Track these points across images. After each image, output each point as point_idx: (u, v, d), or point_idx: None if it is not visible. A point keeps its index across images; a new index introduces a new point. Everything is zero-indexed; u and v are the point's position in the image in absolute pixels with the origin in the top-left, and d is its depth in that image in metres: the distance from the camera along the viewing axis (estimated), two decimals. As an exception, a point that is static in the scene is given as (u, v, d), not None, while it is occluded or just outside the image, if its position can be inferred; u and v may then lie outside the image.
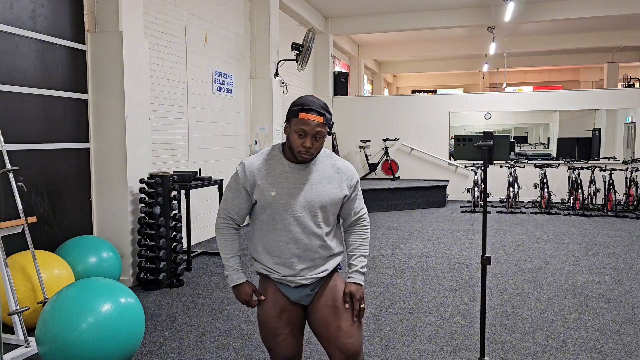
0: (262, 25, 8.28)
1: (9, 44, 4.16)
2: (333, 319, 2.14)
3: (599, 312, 4.19)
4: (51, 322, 2.93)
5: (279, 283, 2.18)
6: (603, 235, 7.44)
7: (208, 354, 3.43)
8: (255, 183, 2.11)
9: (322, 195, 2.12)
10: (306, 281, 2.15)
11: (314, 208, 2.11)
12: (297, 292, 2.17)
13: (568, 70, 20.46)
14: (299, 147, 2.04)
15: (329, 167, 2.17)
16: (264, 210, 2.12)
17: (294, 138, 2.05)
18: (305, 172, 2.13)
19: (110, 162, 4.93)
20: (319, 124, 2.02)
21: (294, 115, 2.06)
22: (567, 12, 10.55)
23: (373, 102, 12.04)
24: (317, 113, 2.03)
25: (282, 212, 2.09)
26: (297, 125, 2.03)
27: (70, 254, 4.33)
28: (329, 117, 2.08)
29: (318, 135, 2.04)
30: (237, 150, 7.98)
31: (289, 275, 2.14)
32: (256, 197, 2.12)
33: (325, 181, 2.14)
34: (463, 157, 3.07)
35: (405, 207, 10.12)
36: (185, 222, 5.61)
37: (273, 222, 2.12)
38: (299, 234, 2.10)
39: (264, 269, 2.19)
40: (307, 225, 2.10)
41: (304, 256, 2.13)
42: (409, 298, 4.58)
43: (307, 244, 2.12)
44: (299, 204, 2.09)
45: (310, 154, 2.07)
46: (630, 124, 12.16)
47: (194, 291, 4.81)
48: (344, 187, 2.17)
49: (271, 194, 2.08)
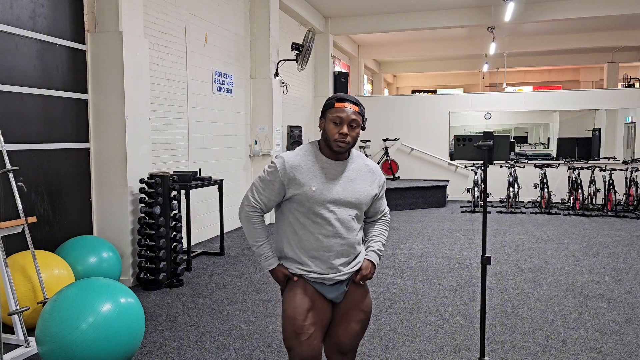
0: (262, 25, 8.28)
1: (9, 44, 4.16)
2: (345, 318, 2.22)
3: (599, 312, 4.19)
4: (51, 322, 2.93)
5: (314, 282, 2.18)
6: (603, 235, 7.44)
7: (208, 354, 3.43)
8: (294, 177, 2.13)
9: (359, 192, 2.18)
10: (343, 277, 2.18)
11: (352, 204, 2.16)
12: (334, 290, 2.20)
13: (568, 70, 20.46)
14: (336, 134, 2.09)
15: (362, 165, 2.24)
16: (301, 205, 2.13)
17: (330, 127, 2.10)
18: (342, 169, 2.18)
19: (110, 162, 4.93)
20: (354, 112, 2.10)
21: (330, 107, 2.13)
22: (567, 12, 10.55)
23: (373, 102, 12.03)
24: (352, 103, 2.11)
25: (321, 207, 2.12)
26: (334, 113, 2.10)
27: (70, 254, 4.32)
28: (363, 109, 2.15)
29: (354, 123, 2.10)
30: (237, 150, 7.98)
31: (326, 272, 2.15)
32: (293, 192, 2.13)
33: (360, 179, 2.20)
34: (463, 157, 3.07)
35: (405, 207, 10.11)
36: (185, 222, 5.61)
37: (314, 217, 2.13)
38: (339, 229, 2.14)
39: (298, 268, 2.18)
40: (345, 220, 2.15)
41: (343, 251, 2.16)
42: (409, 298, 4.58)
43: (347, 238, 2.16)
44: (338, 199, 2.14)
45: (346, 143, 2.10)
46: (630, 124, 12.16)
47: (194, 291, 4.81)
48: (375, 186, 2.25)
49: (312, 188, 2.11)
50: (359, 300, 2.23)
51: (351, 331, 2.21)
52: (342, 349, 2.23)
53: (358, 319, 2.22)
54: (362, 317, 2.23)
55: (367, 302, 2.25)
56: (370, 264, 2.24)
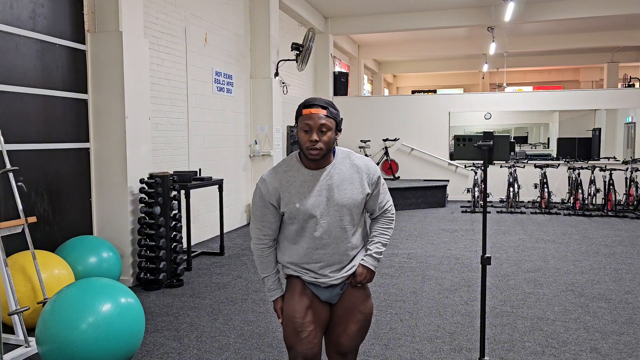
0: (262, 25, 8.28)
1: (9, 44, 4.16)
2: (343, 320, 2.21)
3: (599, 312, 4.19)
4: (51, 322, 2.92)
5: (309, 283, 2.20)
6: (603, 235, 7.44)
7: (208, 354, 3.43)
8: (279, 197, 2.12)
9: (345, 198, 2.12)
10: (337, 281, 2.18)
11: (339, 212, 2.12)
12: (327, 292, 2.21)
13: (568, 70, 20.46)
14: (306, 142, 2.03)
15: (347, 168, 2.15)
16: (291, 221, 2.13)
17: (301, 136, 2.05)
18: (325, 178, 2.12)
19: (110, 162, 4.93)
20: (322, 116, 2.02)
21: (299, 115, 2.07)
22: (567, 12, 10.55)
23: (373, 102, 12.04)
24: (319, 107, 2.03)
25: (308, 221, 2.10)
26: (302, 121, 2.03)
27: (70, 254, 4.32)
28: (333, 111, 2.06)
29: (323, 127, 2.02)
30: (237, 150, 7.98)
31: (318, 277, 2.17)
32: (283, 209, 2.13)
33: (345, 183, 2.13)
34: (463, 157, 3.07)
35: (405, 207, 10.11)
36: (185, 222, 5.61)
37: (301, 231, 2.13)
38: (326, 240, 2.12)
39: (295, 270, 2.21)
40: (333, 231, 2.12)
41: (332, 260, 2.15)
42: (409, 298, 4.58)
43: (334, 248, 2.14)
44: (324, 210, 2.10)
45: (318, 150, 2.03)
46: (630, 124, 12.16)
47: (194, 291, 4.81)
48: (365, 185, 2.16)
49: (295, 205, 2.09)
50: (358, 302, 2.22)
51: (350, 332, 2.21)
52: (341, 350, 2.23)
53: (356, 321, 2.21)
54: (360, 319, 2.21)
55: (367, 304, 2.23)
56: (366, 270, 2.20)
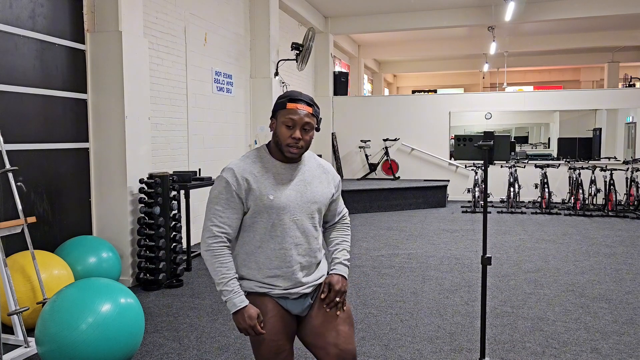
0: (262, 25, 8.28)
1: (9, 44, 4.15)
2: (329, 326, 2.02)
3: (599, 313, 4.18)
4: (51, 323, 2.92)
5: (278, 298, 2.03)
6: (604, 235, 7.43)
7: (208, 354, 3.42)
8: (249, 188, 1.95)
9: (317, 195, 2.04)
10: (307, 290, 2.05)
11: (311, 209, 2.03)
12: (299, 304, 2.06)
13: (568, 70, 20.45)
14: (288, 139, 1.93)
15: (316, 166, 2.10)
16: (259, 216, 1.97)
17: (282, 131, 1.93)
18: (297, 172, 2.03)
19: (110, 162, 4.92)
20: (307, 114, 1.94)
21: (281, 107, 1.95)
22: (567, 12, 10.54)
23: (373, 102, 12.03)
24: (305, 103, 1.95)
25: (281, 216, 1.97)
26: (285, 115, 1.93)
27: (70, 254, 4.32)
28: (317, 110, 2.00)
29: (307, 126, 1.95)
30: (237, 150, 7.98)
31: (290, 287, 2.01)
32: (250, 203, 1.96)
33: (316, 181, 2.06)
34: (463, 157, 3.06)
35: (405, 207, 10.11)
36: (185, 222, 5.60)
37: (272, 229, 1.97)
38: (299, 239, 2.00)
39: (259, 286, 2.00)
40: (306, 228, 2.02)
41: (305, 262, 2.03)
42: (409, 298, 4.57)
43: (307, 248, 2.03)
44: (297, 205, 1.99)
45: (299, 148, 1.95)
46: (630, 124, 12.16)
47: (193, 291, 4.81)
48: (331, 186, 2.12)
49: (269, 197, 1.94)
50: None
51: (344, 335, 2.03)
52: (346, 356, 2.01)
53: (342, 320, 2.05)
54: (345, 317, 2.06)
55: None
56: (341, 278, 2.07)
